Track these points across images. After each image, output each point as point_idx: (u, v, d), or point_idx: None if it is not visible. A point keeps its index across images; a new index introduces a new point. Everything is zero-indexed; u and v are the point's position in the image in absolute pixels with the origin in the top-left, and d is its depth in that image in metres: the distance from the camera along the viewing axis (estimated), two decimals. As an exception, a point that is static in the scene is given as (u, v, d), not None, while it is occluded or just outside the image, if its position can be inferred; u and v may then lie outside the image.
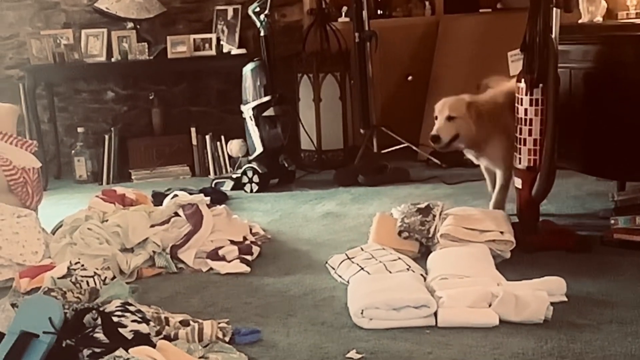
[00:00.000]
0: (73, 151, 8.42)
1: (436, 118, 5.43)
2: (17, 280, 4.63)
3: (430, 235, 4.84)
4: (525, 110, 4.85)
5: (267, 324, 3.93)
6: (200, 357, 3.41)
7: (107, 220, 5.20)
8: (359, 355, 3.48)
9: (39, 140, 7.34)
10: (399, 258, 4.49)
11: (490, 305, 3.84)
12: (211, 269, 4.95)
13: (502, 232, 4.71)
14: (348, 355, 3.49)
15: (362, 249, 4.73)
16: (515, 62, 4.97)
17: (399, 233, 4.91)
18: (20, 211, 5.22)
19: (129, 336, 3.47)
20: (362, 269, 4.42)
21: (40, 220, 5.35)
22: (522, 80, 4.86)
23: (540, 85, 4.78)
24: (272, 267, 4.95)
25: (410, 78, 8.51)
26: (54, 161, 8.60)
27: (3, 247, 4.85)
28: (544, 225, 5.11)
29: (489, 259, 4.47)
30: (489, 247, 4.62)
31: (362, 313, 3.82)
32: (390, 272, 4.34)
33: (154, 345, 3.40)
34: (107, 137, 8.33)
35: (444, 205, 5.08)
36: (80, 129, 8.44)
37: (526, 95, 4.83)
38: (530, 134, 4.85)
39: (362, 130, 7.66)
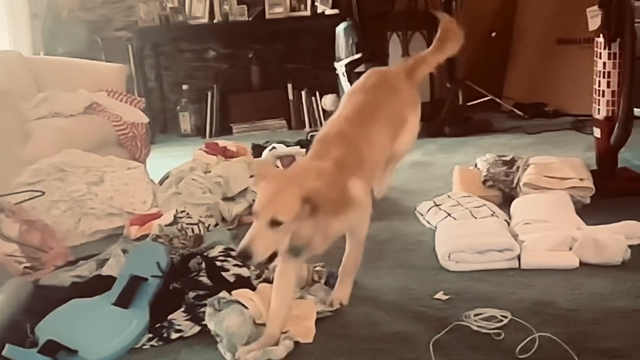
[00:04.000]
0: (178, 107, 8.55)
1: (256, 217, 2.91)
2: (127, 227, 4.70)
3: (513, 186, 4.78)
4: (604, 63, 4.76)
5: (359, 267, 3.92)
6: (297, 298, 3.42)
7: (210, 171, 5.23)
8: (446, 296, 3.46)
9: (146, 97, 7.45)
10: (484, 205, 4.45)
11: (570, 249, 3.79)
12: (306, 215, 4.95)
13: (581, 179, 4.63)
14: (436, 296, 3.47)
15: (448, 196, 4.70)
16: (594, 17, 4.85)
17: (484, 182, 4.87)
18: (130, 163, 5.30)
19: (231, 279, 3.50)
20: (449, 215, 4.40)
21: (148, 171, 5.42)
22: (601, 35, 4.77)
23: (618, 39, 4.69)
24: (363, 214, 4.94)
25: (493, 34, 8.41)
26: (160, 116, 8.72)
27: (114, 197, 4.92)
28: (621, 172, 5.02)
29: (569, 205, 4.40)
30: (569, 193, 4.55)
31: (449, 256, 3.80)
32: (475, 217, 4.30)
33: (254, 288, 3.42)
34: (209, 93, 8.44)
35: (529, 159, 5.00)
36: (184, 86, 8.56)
37: (604, 49, 4.75)
38: (608, 86, 4.76)
39: (448, 84, 7.59)
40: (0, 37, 7.58)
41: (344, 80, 7.46)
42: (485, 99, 7.66)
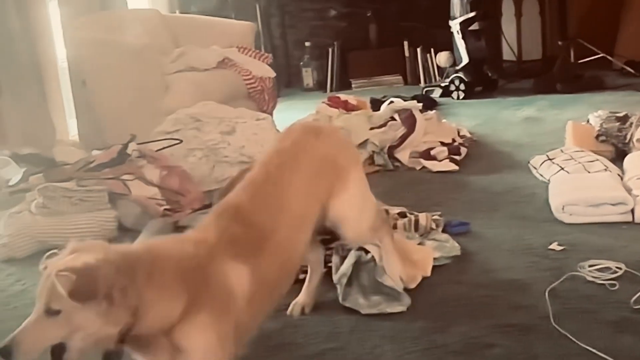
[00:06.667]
0: (301, 63, 8.63)
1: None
2: (257, 175, 4.74)
3: (626, 141, 4.64)
4: None
5: (474, 217, 3.87)
6: (417, 244, 3.41)
7: (332, 123, 5.25)
8: (560, 247, 3.39)
9: (272, 53, 7.50)
10: (597, 159, 4.33)
11: (683, 204, 3.68)
12: (424, 167, 4.94)
13: (695, 136, 4.49)
14: (550, 246, 3.40)
15: (561, 151, 4.60)
16: None
17: (597, 137, 4.75)
18: (259, 115, 5.34)
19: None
20: (562, 168, 4.30)
21: (275, 122, 5.45)
22: None
23: None
24: (477, 166, 4.90)
25: (605, -7, 8.19)
26: (284, 72, 8.77)
27: (245, 146, 4.96)
28: None
29: (683, 162, 4.27)
30: (683, 150, 4.41)
31: (563, 209, 3.72)
32: (588, 172, 4.20)
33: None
34: (330, 50, 8.51)
35: (642, 115, 4.85)
36: (307, 43, 8.63)
37: None
38: None
39: (559, 42, 7.44)
40: (141, -3, 7.73)
41: (458, 37, 7.40)
42: (597, 56, 7.46)
